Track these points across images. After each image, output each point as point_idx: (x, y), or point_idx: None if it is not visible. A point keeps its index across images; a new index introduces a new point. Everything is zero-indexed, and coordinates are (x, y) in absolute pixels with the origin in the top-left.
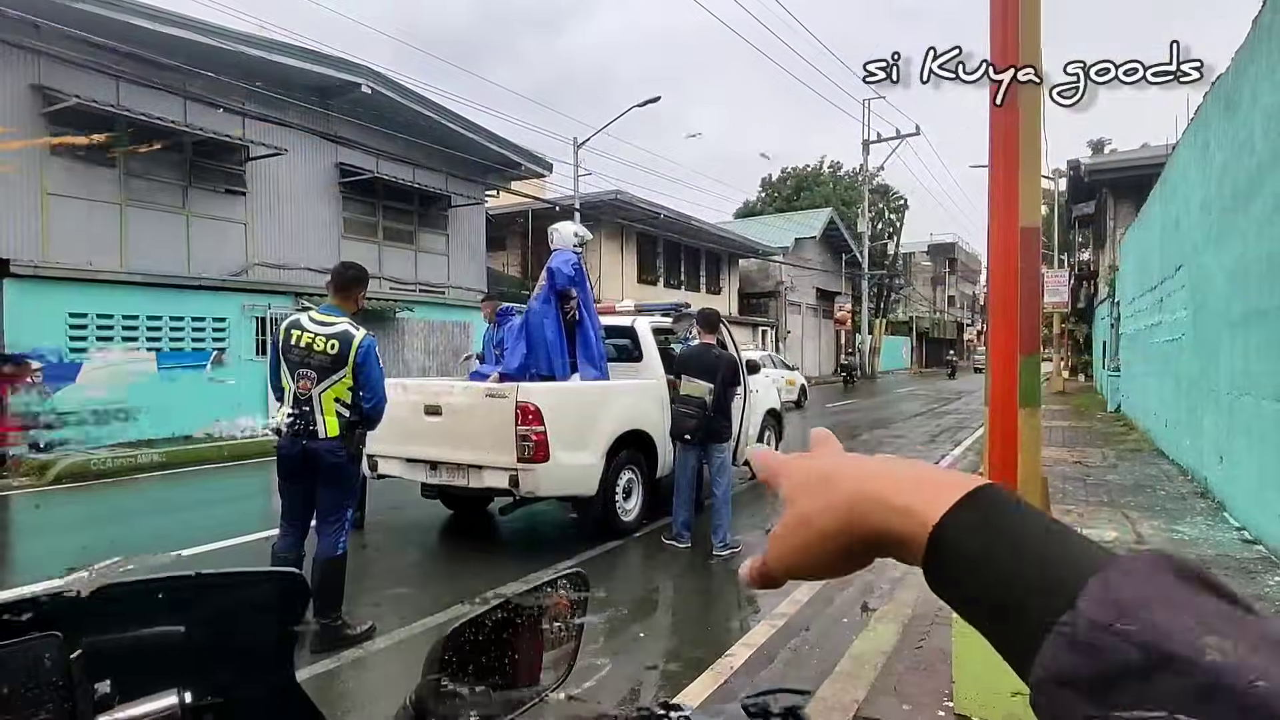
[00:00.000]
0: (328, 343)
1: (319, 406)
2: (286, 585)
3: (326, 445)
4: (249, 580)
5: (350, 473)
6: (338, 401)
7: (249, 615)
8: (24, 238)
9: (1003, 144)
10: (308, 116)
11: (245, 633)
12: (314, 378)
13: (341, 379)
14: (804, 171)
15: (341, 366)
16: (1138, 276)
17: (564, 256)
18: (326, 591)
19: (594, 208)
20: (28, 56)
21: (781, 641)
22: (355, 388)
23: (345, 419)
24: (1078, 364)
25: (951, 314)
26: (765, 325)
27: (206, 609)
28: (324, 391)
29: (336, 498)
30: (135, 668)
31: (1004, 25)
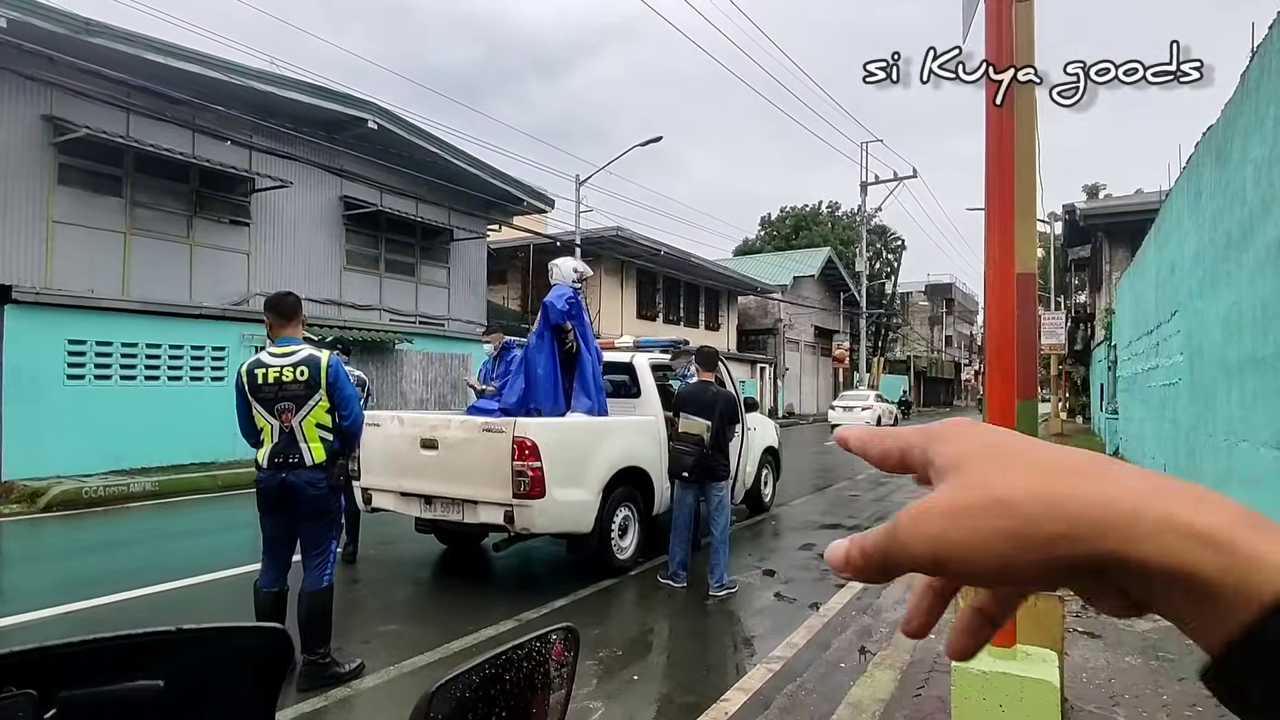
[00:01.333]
0: (296, 370)
1: (302, 435)
2: (269, 641)
3: (308, 476)
4: (231, 635)
5: (331, 505)
6: (319, 427)
7: (229, 671)
8: (28, 264)
9: (997, 192)
10: (314, 150)
11: (225, 689)
12: (293, 408)
13: (318, 403)
14: (803, 211)
15: (315, 390)
16: (1134, 320)
17: (560, 291)
18: (313, 626)
19: (595, 243)
20: (41, 88)
21: (778, 686)
22: (332, 409)
23: (329, 444)
24: (1075, 406)
25: (949, 353)
26: (763, 362)
27: (186, 663)
28: (304, 419)
29: (319, 531)
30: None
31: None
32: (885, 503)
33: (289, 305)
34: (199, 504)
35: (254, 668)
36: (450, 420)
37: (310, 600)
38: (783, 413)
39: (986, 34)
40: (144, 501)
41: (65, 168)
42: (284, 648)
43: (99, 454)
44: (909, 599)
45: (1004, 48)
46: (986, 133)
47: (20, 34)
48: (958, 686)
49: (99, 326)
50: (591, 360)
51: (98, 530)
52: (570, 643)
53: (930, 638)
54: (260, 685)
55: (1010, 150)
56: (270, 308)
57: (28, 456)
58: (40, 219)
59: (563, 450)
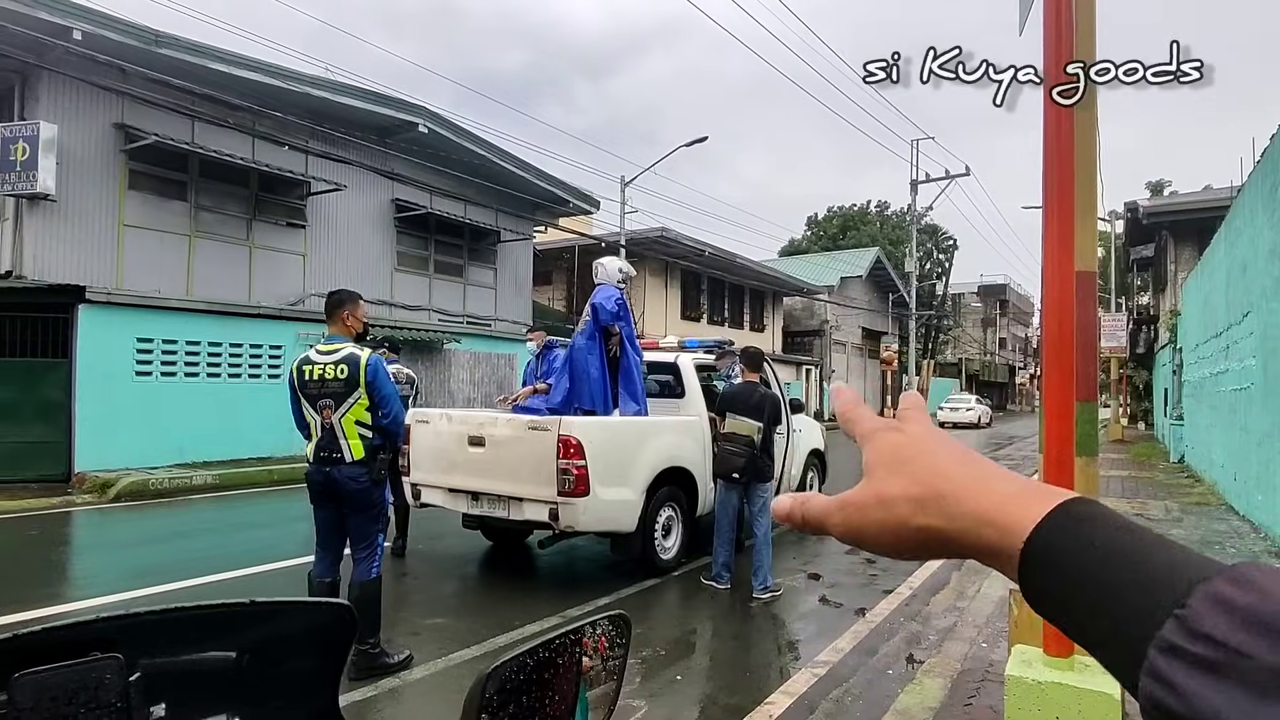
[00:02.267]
0: (337, 368)
1: (341, 431)
2: (336, 616)
3: (349, 471)
4: (300, 610)
5: (374, 498)
6: (359, 424)
7: (297, 644)
8: (100, 266)
9: (1057, 187)
10: (367, 154)
11: (293, 661)
12: (332, 405)
13: (358, 400)
14: (850, 211)
15: (355, 389)
16: (1202, 322)
17: (607, 292)
18: (362, 617)
19: (639, 244)
20: (113, 97)
21: (823, 691)
22: (372, 407)
23: (368, 441)
24: (1137, 411)
25: (1003, 356)
26: (809, 364)
27: (257, 636)
28: (344, 416)
29: (365, 524)
30: (188, 691)
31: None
32: None
33: (330, 302)
34: (256, 497)
35: (320, 642)
36: (497, 418)
37: (359, 591)
38: (828, 415)
39: (1044, 27)
40: (205, 494)
41: (135, 174)
42: (349, 623)
43: (164, 447)
44: (791, 501)
45: (1064, 41)
46: (1045, 127)
47: (94, 46)
48: (1011, 697)
49: (165, 325)
50: (637, 363)
51: (163, 520)
52: (623, 629)
53: (982, 646)
54: (326, 658)
55: (1070, 144)
56: (326, 307)
57: (99, 449)
58: (112, 223)
59: (607, 449)
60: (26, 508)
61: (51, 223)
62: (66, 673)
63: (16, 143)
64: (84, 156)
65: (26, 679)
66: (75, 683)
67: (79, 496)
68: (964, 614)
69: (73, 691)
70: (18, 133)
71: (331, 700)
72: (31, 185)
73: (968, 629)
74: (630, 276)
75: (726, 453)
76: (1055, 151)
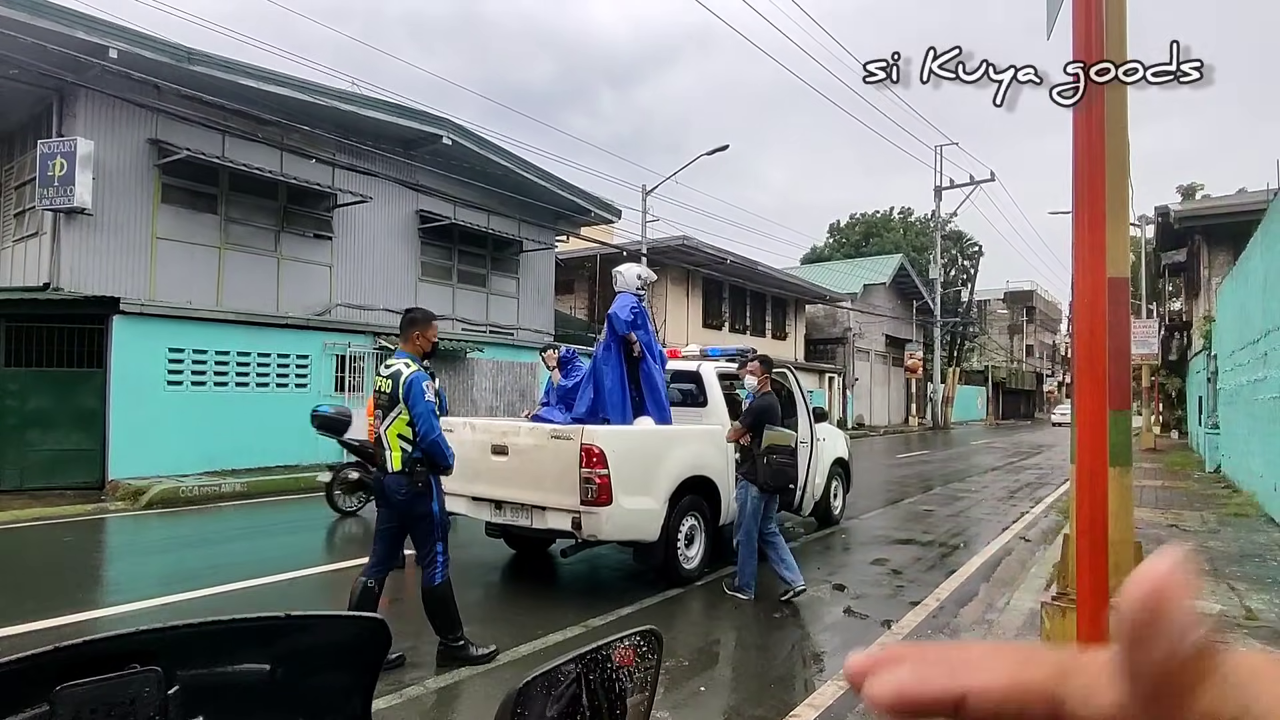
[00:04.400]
0: (385, 382)
1: (386, 442)
2: (368, 629)
3: (391, 481)
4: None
5: (418, 509)
6: (400, 437)
7: (330, 657)
8: (134, 278)
9: (1088, 189)
10: (392, 166)
11: (325, 673)
12: (380, 416)
13: (399, 414)
14: (873, 217)
15: (396, 403)
16: (1237, 328)
17: (623, 301)
18: (435, 618)
19: (661, 252)
20: (147, 114)
21: (850, 704)
22: (410, 423)
23: (406, 454)
24: (1170, 420)
25: (1030, 364)
26: (832, 372)
27: (290, 648)
28: (387, 428)
29: (420, 533)
30: (223, 703)
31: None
32: (961, 518)
33: (403, 321)
34: (284, 505)
35: (353, 655)
36: (520, 427)
37: (427, 597)
38: (852, 424)
39: (1074, 26)
40: (234, 501)
41: (168, 188)
42: (381, 637)
43: (194, 455)
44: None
45: (1093, 40)
46: (1074, 129)
47: (129, 64)
48: None
49: (196, 335)
50: (658, 371)
51: (194, 527)
52: (654, 645)
53: None
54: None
55: (1101, 145)
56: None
57: (131, 457)
58: (146, 236)
59: (630, 458)
60: (62, 514)
61: (88, 236)
62: (106, 685)
63: (55, 159)
64: (119, 171)
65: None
66: (115, 695)
67: (112, 503)
68: (993, 627)
69: (112, 704)
70: (56, 149)
71: (364, 713)
72: (69, 200)
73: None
74: (649, 282)
75: (781, 464)
76: (1086, 153)
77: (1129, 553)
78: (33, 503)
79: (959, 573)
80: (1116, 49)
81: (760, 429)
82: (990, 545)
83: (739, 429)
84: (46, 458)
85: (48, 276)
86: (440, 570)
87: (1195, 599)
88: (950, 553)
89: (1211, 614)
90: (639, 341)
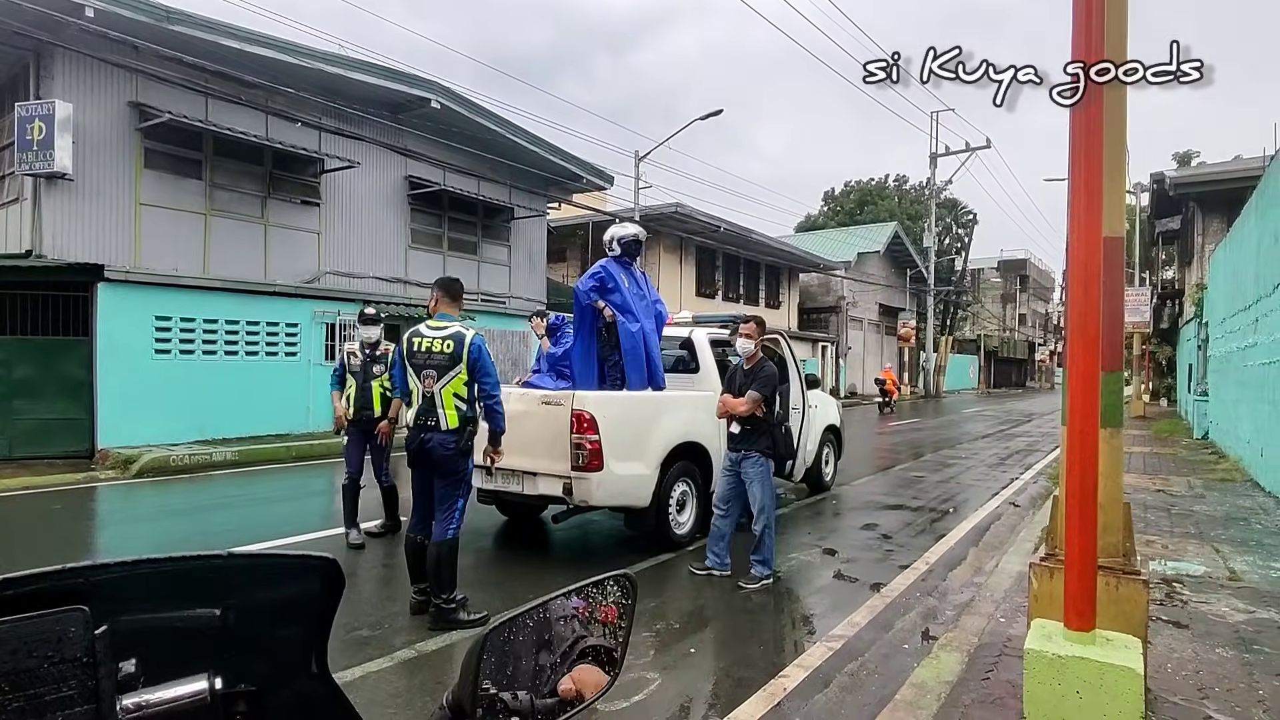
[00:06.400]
0: (444, 343)
1: (440, 401)
2: (322, 571)
3: (442, 438)
4: (282, 564)
5: (459, 466)
6: (455, 396)
7: (285, 601)
8: (118, 245)
9: (1085, 149)
10: (380, 131)
11: (277, 617)
12: (434, 376)
13: (458, 374)
14: (868, 185)
15: (457, 363)
16: (1229, 295)
17: (589, 272)
18: (437, 573)
19: (654, 220)
20: (127, 75)
21: (839, 665)
22: (470, 381)
23: (462, 412)
24: (1160, 388)
25: (1023, 333)
26: (825, 341)
27: (242, 593)
28: (444, 387)
29: (448, 488)
30: (166, 650)
31: (1087, 22)
32: (951, 484)
33: (456, 288)
34: (276, 473)
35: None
36: (510, 393)
37: (435, 550)
38: (845, 392)
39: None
40: (225, 470)
41: (150, 152)
42: (335, 577)
43: (184, 424)
44: None
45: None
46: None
47: (107, 23)
48: (1031, 670)
49: (183, 303)
50: (637, 331)
51: (185, 496)
52: (628, 589)
53: (1000, 620)
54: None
55: (1098, 104)
56: (441, 287)
57: (121, 426)
58: (129, 202)
59: (621, 424)
60: (51, 483)
61: (69, 202)
62: (27, 625)
63: (33, 122)
64: (100, 135)
65: None
66: (37, 635)
67: (102, 472)
68: (981, 589)
69: (34, 644)
70: (34, 112)
71: (320, 657)
72: (49, 164)
73: (985, 604)
74: (623, 239)
75: (789, 432)
76: (1084, 109)
77: (1118, 513)
78: (21, 471)
79: (948, 537)
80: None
81: (776, 397)
82: (980, 510)
83: (757, 399)
84: (34, 426)
85: (30, 244)
86: (455, 525)
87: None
88: (940, 518)
89: (1195, 575)
90: (608, 305)
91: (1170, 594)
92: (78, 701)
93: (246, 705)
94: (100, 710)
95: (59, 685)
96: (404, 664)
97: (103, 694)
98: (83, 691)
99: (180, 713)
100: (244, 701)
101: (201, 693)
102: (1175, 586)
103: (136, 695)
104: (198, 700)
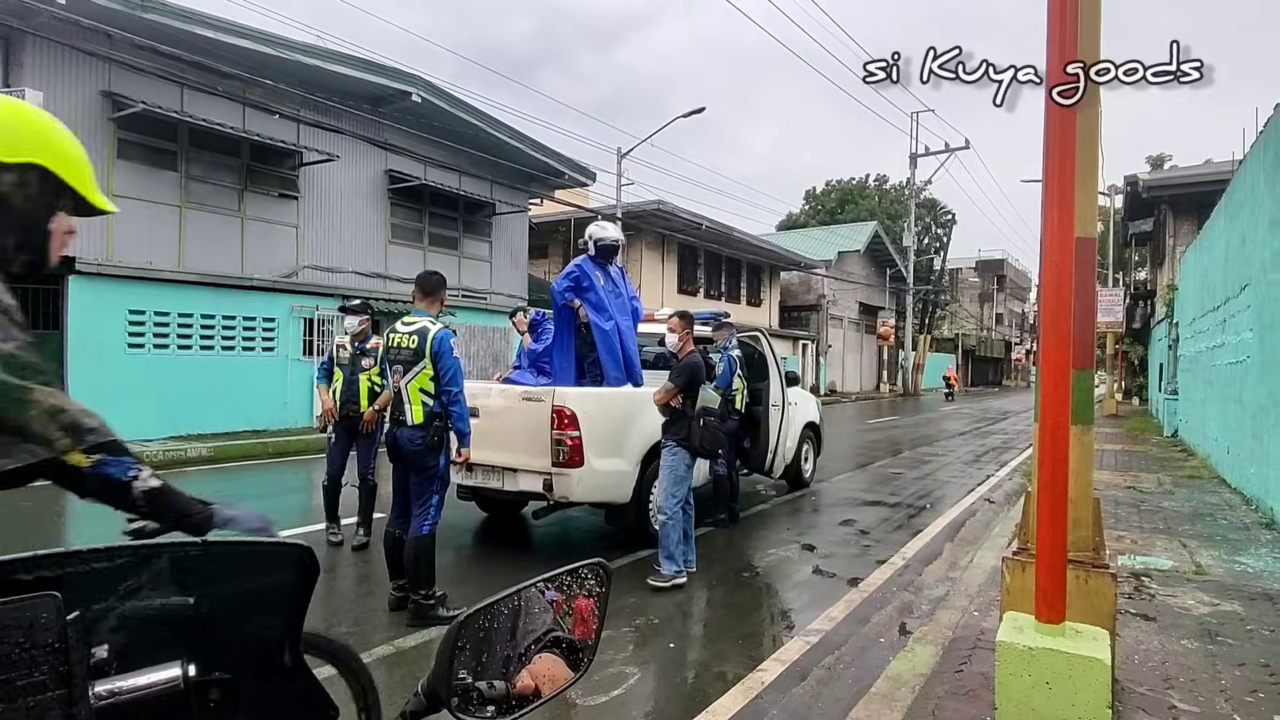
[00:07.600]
0: (409, 338)
1: (406, 396)
2: (296, 559)
3: (409, 433)
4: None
5: (428, 462)
6: (421, 391)
7: (259, 590)
8: (90, 237)
9: (1059, 149)
10: (360, 124)
11: (255, 607)
12: (401, 371)
13: (422, 369)
14: (849, 185)
15: (421, 359)
16: (1199, 296)
17: (563, 272)
18: (413, 569)
19: (636, 217)
20: (100, 64)
21: (816, 658)
22: (435, 377)
23: (428, 408)
24: (1132, 387)
25: (999, 332)
26: (806, 339)
27: (216, 581)
28: (409, 382)
29: (422, 484)
30: (140, 637)
31: (1061, 25)
32: (928, 480)
33: (431, 283)
34: (252, 469)
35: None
36: (491, 389)
37: (412, 546)
38: (825, 390)
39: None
40: (200, 466)
41: (124, 143)
42: (309, 564)
43: (158, 420)
44: None
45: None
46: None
47: (79, 10)
48: (1002, 662)
49: (157, 297)
50: (611, 328)
51: None
52: (603, 578)
53: (974, 614)
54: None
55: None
56: (416, 283)
57: None
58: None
59: (601, 420)
60: None
61: None
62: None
63: None
64: (71, 124)
65: None
66: (8, 621)
67: None
68: (956, 584)
69: (5, 630)
70: None
71: (294, 646)
72: None
73: (960, 598)
74: (599, 239)
75: (715, 428)
76: (1058, 112)
77: (1088, 509)
78: None
79: (924, 533)
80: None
81: (694, 389)
82: (955, 507)
83: (670, 389)
84: None
85: None
86: (431, 521)
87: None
88: (917, 514)
89: (1162, 569)
90: (583, 304)
91: (1139, 587)
92: (49, 687)
93: (220, 693)
94: (72, 696)
95: (30, 670)
96: (382, 660)
97: (74, 680)
98: (54, 677)
99: (152, 700)
100: (218, 689)
101: (174, 680)
102: (1143, 580)
103: (109, 682)
104: (170, 687)
